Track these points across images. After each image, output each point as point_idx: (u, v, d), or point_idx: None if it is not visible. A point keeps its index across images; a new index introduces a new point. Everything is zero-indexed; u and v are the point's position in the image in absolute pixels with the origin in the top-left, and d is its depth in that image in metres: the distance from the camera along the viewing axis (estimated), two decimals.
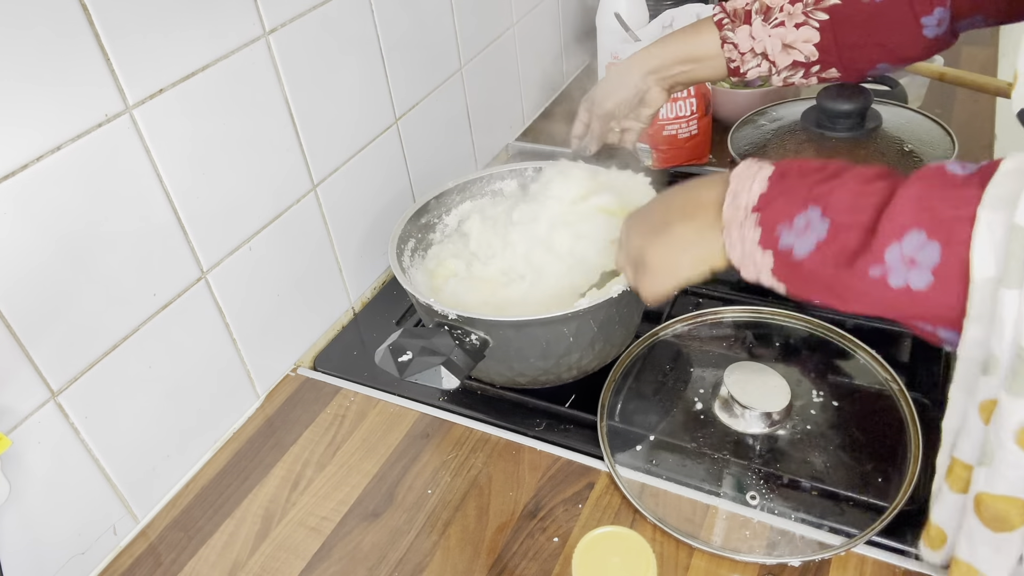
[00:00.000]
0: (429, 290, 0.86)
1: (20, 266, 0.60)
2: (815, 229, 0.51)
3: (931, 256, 0.45)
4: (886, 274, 0.47)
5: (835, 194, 0.50)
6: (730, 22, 0.78)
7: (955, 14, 0.73)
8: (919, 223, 0.46)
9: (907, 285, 0.47)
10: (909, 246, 0.46)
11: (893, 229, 0.46)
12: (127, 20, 0.63)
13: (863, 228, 0.48)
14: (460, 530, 0.71)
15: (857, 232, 0.49)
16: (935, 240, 0.45)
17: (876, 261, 0.47)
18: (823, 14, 0.75)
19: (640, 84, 0.83)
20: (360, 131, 0.94)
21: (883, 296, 0.48)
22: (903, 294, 0.47)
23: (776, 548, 0.65)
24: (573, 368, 0.79)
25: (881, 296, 0.48)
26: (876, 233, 0.47)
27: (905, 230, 0.46)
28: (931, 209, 0.45)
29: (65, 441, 0.66)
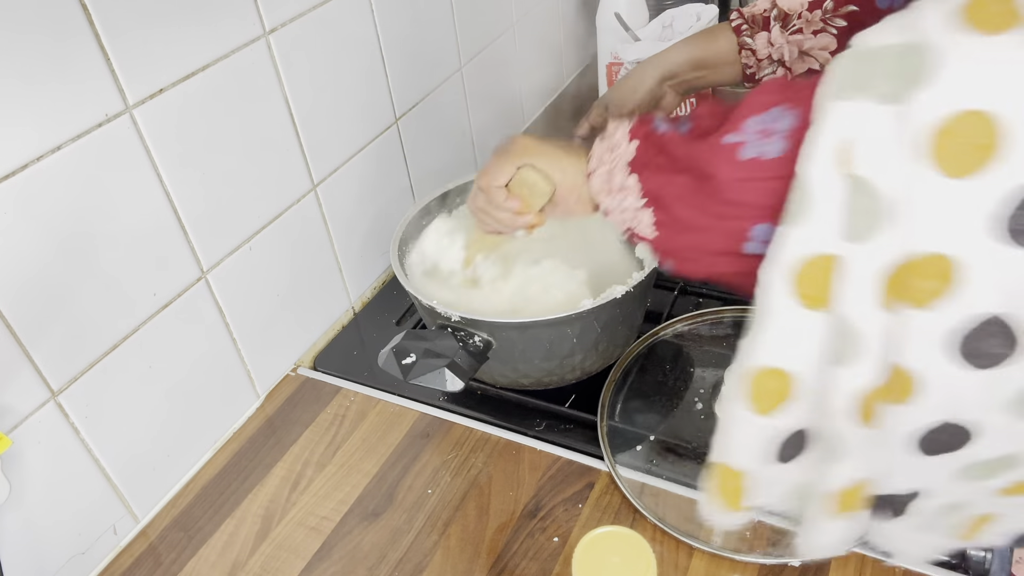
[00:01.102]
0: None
1: (20, 266, 0.60)
2: (682, 126, 0.53)
3: (788, 122, 0.45)
4: (740, 144, 0.46)
5: (698, 110, 0.53)
6: (748, 28, 0.78)
7: None
8: (782, 102, 0.46)
9: (758, 156, 0.46)
10: (769, 118, 0.46)
11: (756, 104, 0.47)
12: (127, 20, 0.63)
13: (722, 115, 0.49)
14: (460, 530, 0.71)
15: (717, 119, 0.49)
16: (795, 109, 0.45)
17: (732, 129, 0.47)
18: (841, 21, 0.75)
19: (656, 89, 0.84)
20: (360, 131, 0.94)
21: (729, 170, 0.47)
22: (750, 164, 0.46)
23: (776, 548, 0.65)
24: (576, 369, 0.79)
25: (728, 170, 0.47)
26: (739, 108, 0.48)
27: (768, 106, 0.46)
28: (790, 88, 0.46)
29: (65, 441, 0.66)
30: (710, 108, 0.52)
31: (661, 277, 0.86)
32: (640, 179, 0.54)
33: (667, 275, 0.80)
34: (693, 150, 0.50)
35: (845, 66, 0.42)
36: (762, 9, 0.78)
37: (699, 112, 0.52)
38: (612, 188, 0.56)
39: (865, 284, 0.42)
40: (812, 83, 0.43)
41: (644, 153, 0.54)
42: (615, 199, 0.56)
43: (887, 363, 0.43)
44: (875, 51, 0.40)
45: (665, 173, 0.52)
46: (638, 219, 0.54)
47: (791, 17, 0.77)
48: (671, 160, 0.52)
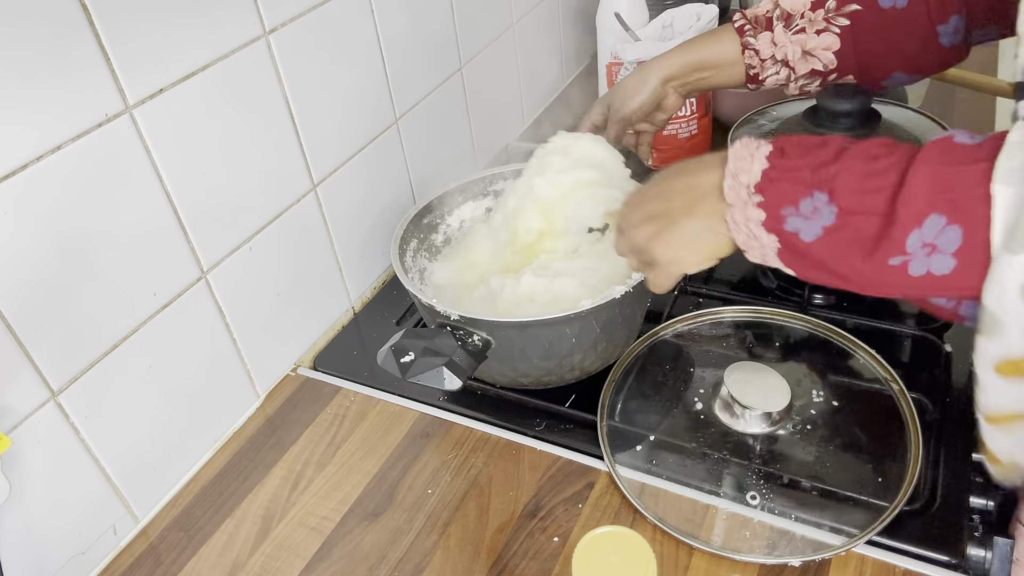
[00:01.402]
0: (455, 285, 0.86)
1: (20, 266, 0.60)
2: (822, 215, 0.49)
3: (952, 240, 0.44)
4: (907, 262, 0.46)
5: (841, 177, 0.48)
6: (752, 28, 0.78)
7: (970, 23, 0.73)
8: (936, 207, 0.44)
9: (928, 271, 0.46)
10: (929, 232, 0.44)
11: (911, 215, 0.45)
12: (127, 20, 0.63)
13: (877, 214, 0.47)
14: (460, 530, 0.71)
15: (870, 219, 0.47)
16: (956, 224, 0.44)
17: (897, 250, 0.46)
18: (844, 20, 0.75)
19: (659, 90, 0.83)
20: (360, 131, 0.94)
21: (902, 282, 0.47)
22: (924, 279, 0.46)
23: (776, 548, 0.65)
24: (576, 369, 0.79)
25: (900, 282, 0.47)
26: (894, 221, 0.46)
27: (924, 216, 0.44)
28: (947, 191, 0.44)
29: (65, 441, 0.66)
30: (856, 181, 0.48)
31: None
32: (794, 270, 0.54)
33: None
34: (858, 268, 0.49)
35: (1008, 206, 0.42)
36: (765, 10, 0.78)
37: (843, 198, 0.49)
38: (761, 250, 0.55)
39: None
40: (960, 177, 0.43)
41: (786, 254, 0.53)
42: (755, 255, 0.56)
43: None
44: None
45: (817, 272, 0.52)
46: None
47: (794, 17, 0.77)
48: (825, 268, 0.51)
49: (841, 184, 0.48)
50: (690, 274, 0.63)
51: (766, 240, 0.53)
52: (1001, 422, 0.50)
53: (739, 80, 0.82)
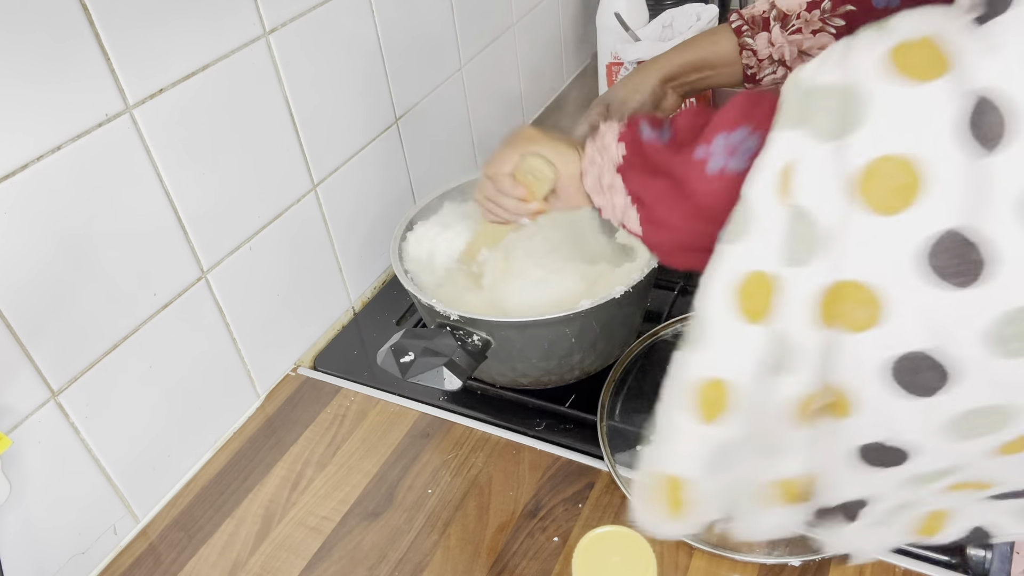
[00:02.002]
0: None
1: (20, 266, 0.60)
2: (663, 134, 0.55)
3: (751, 145, 0.48)
4: (708, 157, 0.50)
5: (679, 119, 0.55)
6: (749, 29, 0.79)
7: None
8: (746, 120, 0.49)
9: (722, 169, 0.49)
10: (736, 138, 0.49)
11: (725, 122, 0.50)
12: (127, 20, 0.63)
13: (698, 128, 0.52)
14: (460, 530, 0.71)
15: (694, 131, 0.52)
16: (757, 132, 0.47)
17: (704, 143, 0.50)
18: (840, 20, 0.75)
19: (657, 91, 0.84)
20: (360, 131, 0.94)
21: (699, 179, 0.51)
22: (716, 179, 0.50)
23: (776, 548, 0.65)
24: (575, 369, 0.79)
25: (698, 179, 0.51)
26: (711, 124, 0.51)
27: (736, 125, 0.49)
28: (759, 108, 0.48)
29: (65, 441, 0.66)
30: (689, 118, 0.54)
31: (661, 277, 0.86)
32: (624, 181, 0.57)
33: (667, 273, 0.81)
34: (670, 159, 0.53)
35: (791, 99, 0.44)
36: (761, 10, 0.79)
37: (679, 122, 0.55)
38: (602, 187, 0.59)
39: (801, 304, 0.44)
40: (773, 104, 0.46)
41: (630, 157, 0.57)
42: (605, 198, 0.59)
43: (824, 379, 0.46)
44: (817, 89, 0.43)
45: (647, 176, 0.55)
46: (627, 216, 0.57)
47: (790, 17, 0.77)
48: (651, 166, 0.55)
49: (681, 120, 0.55)
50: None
51: (614, 151, 0.57)
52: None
53: (736, 80, 0.82)
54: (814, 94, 0.43)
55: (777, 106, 0.45)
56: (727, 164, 0.49)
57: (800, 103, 0.44)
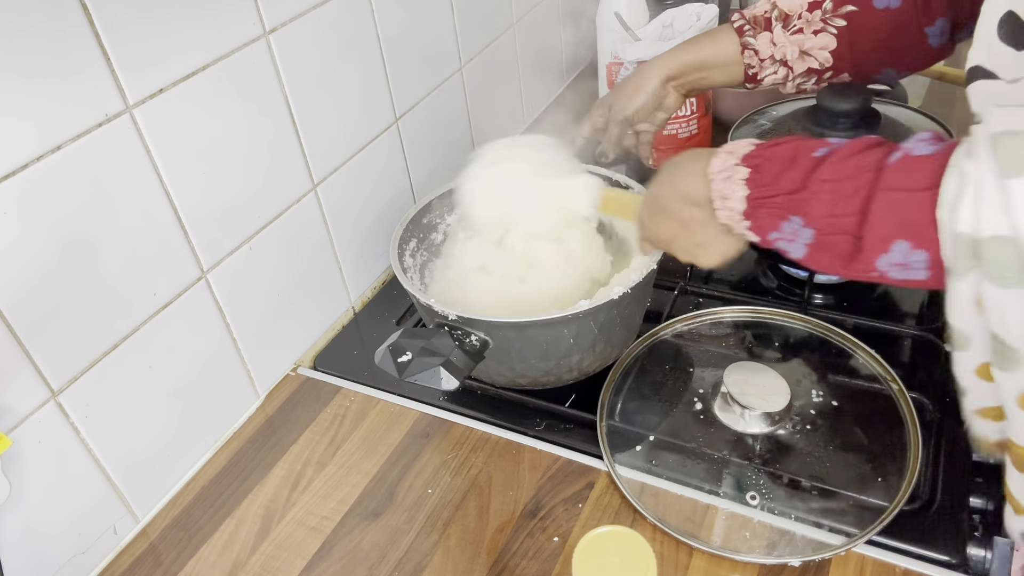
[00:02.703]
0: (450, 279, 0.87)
1: (20, 266, 0.60)
2: (802, 236, 0.54)
3: (921, 260, 0.49)
4: (885, 274, 0.51)
5: (812, 204, 0.53)
6: (751, 28, 0.79)
7: (955, 25, 0.74)
8: (901, 234, 0.48)
9: (907, 279, 0.50)
10: (897, 255, 0.49)
11: (877, 242, 0.49)
12: (127, 20, 0.63)
13: (848, 235, 0.51)
14: (460, 530, 0.71)
15: (843, 239, 0.52)
16: (921, 248, 0.48)
17: (869, 269, 0.51)
18: (841, 20, 0.76)
19: (659, 91, 0.84)
20: (360, 131, 0.94)
21: (886, 281, 0.52)
22: (904, 282, 0.51)
23: (776, 548, 0.65)
24: (574, 369, 0.79)
25: (884, 281, 0.52)
26: (862, 246, 0.50)
27: (889, 242, 0.49)
28: (905, 218, 0.48)
29: (65, 441, 0.66)
30: (827, 210, 0.52)
31: (661, 277, 0.86)
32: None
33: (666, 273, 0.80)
34: (844, 275, 0.54)
35: (961, 253, 0.45)
36: (763, 10, 0.79)
37: (815, 215, 0.53)
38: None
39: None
40: (916, 202, 0.47)
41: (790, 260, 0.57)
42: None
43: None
44: (986, 241, 0.44)
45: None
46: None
47: (791, 17, 0.77)
48: (823, 270, 0.56)
49: (813, 210, 0.53)
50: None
51: (778, 245, 0.57)
52: (987, 415, 0.54)
53: (738, 79, 0.82)
54: (983, 244, 0.44)
55: (929, 216, 0.46)
56: (909, 275, 0.50)
57: (971, 252, 0.44)
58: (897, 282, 0.51)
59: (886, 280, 0.51)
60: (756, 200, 0.56)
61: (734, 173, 0.57)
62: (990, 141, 0.43)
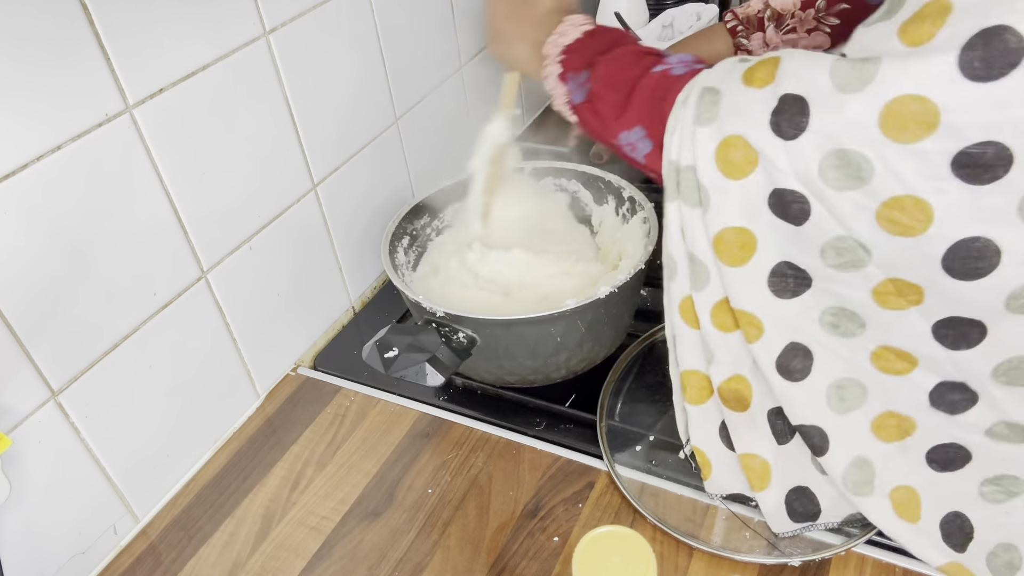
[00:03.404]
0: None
1: (20, 266, 0.60)
2: (583, 88, 0.65)
3: (645, 147, 0.61)
4: (621, 147, 0.63)
5: (602, 66, 0.63)
6: (744, 29, 0.79)
7: None
8: (641, 121, 0.60)
9: (633, 157, 0.63)
10: (633, 136, 0.61)
11: (625, 121, 0.61)
12: (127, 20, 0.63)
13: (609, 105, 0.63)
14: (460, 529, 0.71)
15: (605, 105, 0.63)
16: (649, 139, 0.60)
17: (612, 137, 0.63)
18: (834, 19, 0.75)
19: None
20: (360, 131, 0.94)
21: (622, 153, 0.64)
22: (632, 159, 0.64)
23: (776, 548, 0.65)
24: (562, 368, 0.79)
25: (621, 152, 0.64)
26: (617, 117, 0.62)
27: (633, 124, 0.61)
28: (650, 112, 0.59)
29: (65, 440, 0.66)
30: (605, 78, 0.64)
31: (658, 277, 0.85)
32: (572, 117, 0.69)
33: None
34: (596, 133, 0.66)
35: (669, 177, 0.59)
36: (756, 10, 0.79)
37: (597, 76, 0.64)
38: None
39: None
40: (662, 114, 0.58)
41: (568, 105, 0.68)
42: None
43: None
44: (683, 170, 0.59)
45: (586, 127, 0.68)
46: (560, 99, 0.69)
47: (784, 17, 0.77)
48: (585, 124, 0.68)
49: (599, 71, 0.64)
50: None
51: (557, 89, 0.67)
52: (693, 395, 0.66)
53: None
54: (681, 172, 0.57)
55: (663, 121, 0.58)
56: (635, 154, 0.63)
57: (674, 175, 0.58)
58: (627, 158, 0.64)
59: (620, 152, 0.64)
60: (579, 45, 0.66)
61: (581, 23, 0.67)
62: (698, 92, 0.55)
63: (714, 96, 0.54)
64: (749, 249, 0.56)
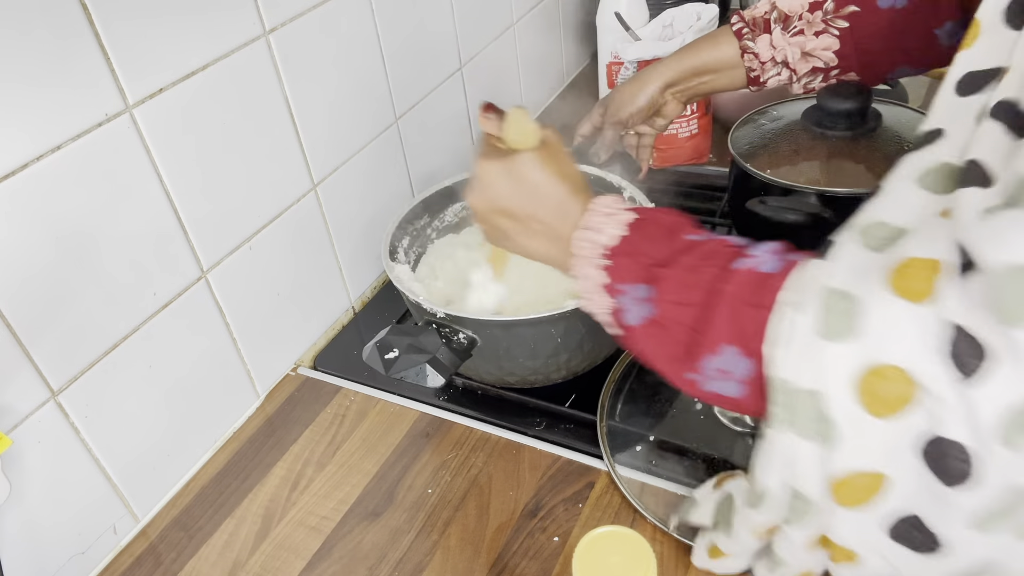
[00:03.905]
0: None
1: (20, 266, 0.60)
2: (646, 307, 0.52)
3: (744, 369, 0.47)
4: (699, 381, 0.50)
5: (666, 280, 0.51)
6: (750, 31, 0.78)
7: (966, 26, 0.73)
8: (732, 339, 0.47)
9: (722, 393, 0.49)
10: (723, 360, 0.48)
11: (709, 343, 0.48)
12: (127, 20, 0.63)
13: (683, 328, 0.50)
14: (460, 529, 0.71)
15: (678, 330, 0.50)
16: (749, 358, 0.47)
17: (691, 369, 0.50)
18: (843, 22, 0.75)
19: (657, 98, 0.83)
20: (360, 131, 0.94)
21: (695, 392, 0.51)
22: (714, 397, 0.50)
23: None
24: (562, 368, 0.79)
25: (693, 392, 0.51)
26: (695, 341, 0.49)
27: (719, 344, 0.48)
28: (742, 325, 0.47)
29: (65, 440, 0.66)
30: (674, 295, 0.51)
31: None
32: (618, 334, 0.56)
33: None
34: (658, 366, 0.53)
35: (779, 398, 0.45)
36: (762, 12, 0.78)
37: (664, 292, 0.51)
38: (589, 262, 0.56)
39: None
40: (756, 314, 0.46)
41: (616, 320, 0.55)
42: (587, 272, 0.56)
43: None
44: (798, 391, 0.44)
45: (636, 352, 0.55)
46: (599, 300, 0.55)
47: (792, 19, 0.76)
48: (639, 351, 0.54)
49: (664, 287, 0.51)
50: None
51: (600, 299, 0.55)
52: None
53: (740, 83, 0.81)
54: (795, 394, 0.44)
55: (764, 332, 0.45)
56: (722, 388, 0.49)
57: (787, 403, 0.45)
58: (709, 395, 0.50)
59: (698, 391, 0.50)
60: (630, 245, 0.53)
61: (618, 214, 0.55)
62: (821, 296, 0.43)
63: (847, 304, 0.42)
64: (873, 490, 0.44)
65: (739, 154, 0.88)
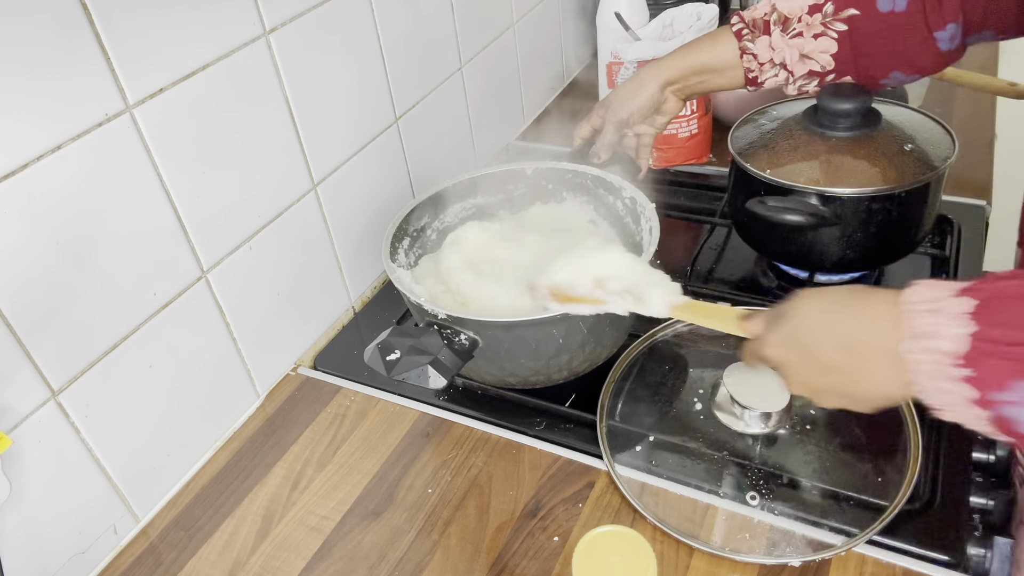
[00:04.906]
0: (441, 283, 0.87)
1: (20, 266, 0.60)
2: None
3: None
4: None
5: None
6: (749, 32, 0.79)
7: (967, 30, 0.74)
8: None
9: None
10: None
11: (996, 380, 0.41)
12: (127, 19, 0.63)
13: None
14: (460, 529, 0.71)
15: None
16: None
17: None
18: (842, 25, 0.75)
19: (657, 95, 0.84)
20: (360, 130, 0.94)
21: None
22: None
23: (776, 548, 0.65)
24: (563, 369, 0.79)
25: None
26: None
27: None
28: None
29: (65, 440, 0.66)
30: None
31: None
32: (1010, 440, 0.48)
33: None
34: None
35: None
36: (762, 13, 0.78)
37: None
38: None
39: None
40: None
41: (1001, 428, 0.47)
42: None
43: None
44: None
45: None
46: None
47: (791, 21, 0.77)
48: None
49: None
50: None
51: (972, 413, 0.45)
52: None
53: (738, 82, 0.82)
54: None
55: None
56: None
57: None
58: None
59: None
60: (988, 342, 0.43)
61: (945, 305, 0.45)
62: None
63: None
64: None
65: (739, 154, 0.88)
